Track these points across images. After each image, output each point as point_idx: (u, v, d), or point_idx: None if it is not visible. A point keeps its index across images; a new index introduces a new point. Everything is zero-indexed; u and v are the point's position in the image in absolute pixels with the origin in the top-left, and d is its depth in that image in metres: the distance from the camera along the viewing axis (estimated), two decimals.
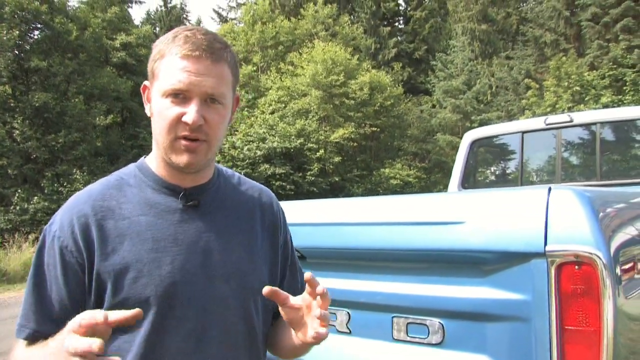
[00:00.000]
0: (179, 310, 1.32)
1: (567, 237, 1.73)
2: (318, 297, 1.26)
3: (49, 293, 1.30)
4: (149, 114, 1.40)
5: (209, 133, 1.33)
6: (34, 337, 1.30)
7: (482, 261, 1.92)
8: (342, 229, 2.28)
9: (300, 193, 25.43)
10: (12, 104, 20.60)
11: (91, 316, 1.08)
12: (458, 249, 1.94)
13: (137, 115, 26.06)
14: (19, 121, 20.07)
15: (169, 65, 1.32)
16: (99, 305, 1.29)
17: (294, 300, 1.31)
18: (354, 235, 2.23)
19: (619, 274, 1.78)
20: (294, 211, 2.62)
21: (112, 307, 1.25)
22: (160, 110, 1.32)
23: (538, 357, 1.78)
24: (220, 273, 1.39)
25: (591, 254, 1.69)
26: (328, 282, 2.39)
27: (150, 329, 1.29)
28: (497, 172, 5.95)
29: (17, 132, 20.10)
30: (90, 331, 1.06)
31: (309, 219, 2.45)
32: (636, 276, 1.96)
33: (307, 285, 1.27)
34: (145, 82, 1.41)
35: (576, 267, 1.72)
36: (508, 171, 5.77)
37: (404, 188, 28.43)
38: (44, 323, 1.29)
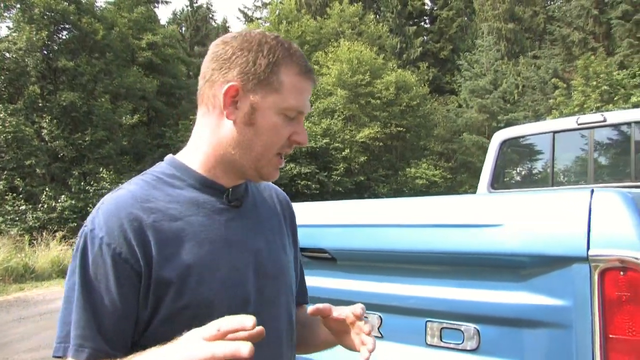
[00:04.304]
0: (238, 311, 1.24)
1: (611, 241, 1.66)
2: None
3: (102, 307, 1.20)
4: (232, 118, 1.29)
5: None
6: (94, 357, 1.19)
7: (520, 265, 1.86)
8: (375, 230, 2.23)
9: (326, 192, 25.44)
10: (40, 104, 20.88)
11: (239, 321, 1.02)
12: (495, 252, 1.87)
13: (162, 115, 26.28)
14: (47, 120, 20.34)
15: (294, 82, 1.31)
16: (154, 313, 1.23)
17: (337, 313, 1.36)
18: (387, 237, 2.17)
19: None
20: (325, 212, 2.58)
21: (173, 314, 1.22)
22: (274, 125, 1.30)
23: None
24: (268, 272, 1.38)
25: (638, 259, 1.61)
26: (359, 285, 2.36)
27: None
28: (527, 173, 5.85)
29: (45, 131, 20.36)
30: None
31: (340, 220, 2.40)
32: None
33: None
34: (234, 84, 1.28)
35: (621, 272, 1.64)
36: (538, 172, 5.66)
37: (430, 188, 28.30)
38: (102, 341, 1.19)
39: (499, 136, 5.45)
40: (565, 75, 27.77)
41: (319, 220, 2.46)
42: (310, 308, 1.34)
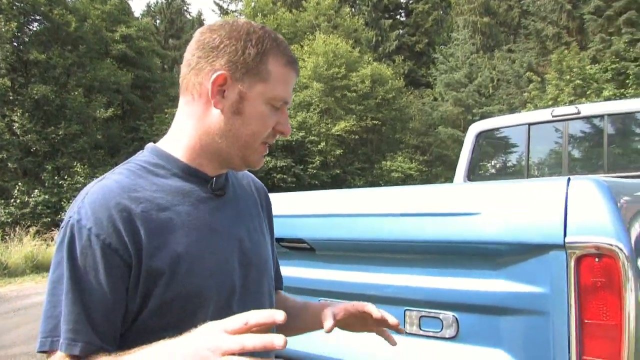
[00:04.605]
0: (226, 301, 1.30)
1: (587, 228, 1.68)
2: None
3: (93, 299, 1.17)
4: (220, 107, 1.28)
5: None
6: (86, 352, 1.16)
7: (497, 253, 1.88)
8: (353, 220, 2.23)
9: (302, 186, 25.46)
10: (11, 97, 20.56)
11: (268, 315, 1.01)
12: (473, 240, 1.89)
13: (137, 108, 26.02)
14: (18, 114, 20.04)
15: (281, 73, 1.31)
16: (144, 304, 1.21)
17: (341, 314, 1.49)
18: (366, 226, 2.18)
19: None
20: (304, 202, 2.57)
21: (163, 304, 1.21)
22: (262, 115, 1.30)
23: (556, 351, 1.74)
24: (252, 260, 1.39)
25: (612, 245, 1.63)
26: (338, 275, 2.36)
27: (202, 324, 1.18)
28: (502, 165, 5.91)
29: (17, 125, 20.06)
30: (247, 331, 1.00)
31: (318, 210, 2.40)
32: None
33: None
34: (222, 72, 1.27)
35: (596, 259, 1.67)
36: (514, 163, 5.72)
37: (405, 181, 28.44)
38: (93, 333, 1.17)
39: (475, 128, 5.49)
40: (539, 69, 28.05)
41: (298, 210, 2.46)
42: (326, 326, 1.42)
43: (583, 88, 22.33)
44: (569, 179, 1.77)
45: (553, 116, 5.00)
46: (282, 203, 2.42)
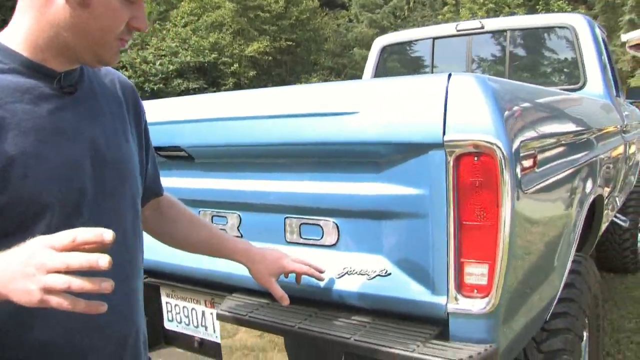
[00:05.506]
0: (74, 206, 1.20)
1: (466, 126, 1.60)
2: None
3: None
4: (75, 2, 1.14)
5: None
6: None
7: (377, 155, 1.77)
8: (231, 124, 2.08)
9: None
10: None
11: (96, 233, 0.93)
12: (352, 141, 1.78)
13: None
14: None
15: None
16: None
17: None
18: (243, 130, 2.04)
19: (519, 166, 1.67)
20: (179, 107, 2.41)
21: None
22: (112, 8, 1.17)
23: (435, 255, 1.68)
24: (108, 162, 1.29)
25: (490, 143, 1.56)
26: (218, 183, 2.23)
27: (46, 229, 1.12)
28: None
29: None
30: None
31: (194, 115, 2.23)
32: (537, 170, 1.87)
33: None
34: None
35: (475, 158, 1.60)
36: None
37: None
38: None
39: (379, 42, 5.41)
40: None
41: (172, 116, 2.29)
42: (285, 302, 1.81)
43: (496, 12, 22.76)
44: (449, 75, 1.67)
45: (457, 30, 4.97)
46: (156, 109, 2.24)
